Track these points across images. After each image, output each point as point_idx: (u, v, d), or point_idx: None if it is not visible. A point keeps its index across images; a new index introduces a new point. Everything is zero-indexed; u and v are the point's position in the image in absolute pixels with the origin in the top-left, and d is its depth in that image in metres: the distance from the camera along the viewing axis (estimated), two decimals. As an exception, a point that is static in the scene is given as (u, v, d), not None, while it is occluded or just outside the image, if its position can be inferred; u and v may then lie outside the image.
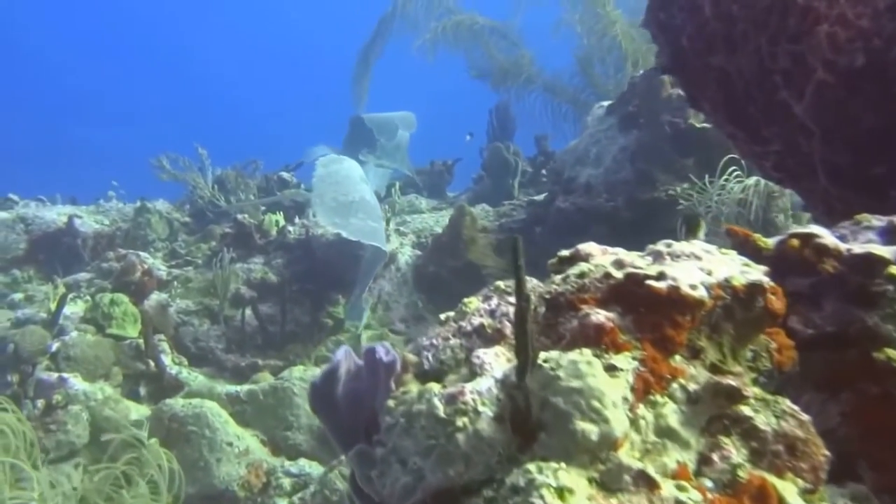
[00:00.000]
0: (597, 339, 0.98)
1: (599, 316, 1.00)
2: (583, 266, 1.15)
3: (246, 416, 4.36)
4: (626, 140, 5.35)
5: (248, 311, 5.30)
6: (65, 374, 3.92)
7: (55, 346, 4.17)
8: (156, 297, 5.17)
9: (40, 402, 3.74)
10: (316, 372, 4.53)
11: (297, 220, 6.00)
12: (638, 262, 1.14)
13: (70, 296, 5.14)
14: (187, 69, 42.79)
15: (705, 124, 4.98)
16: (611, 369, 0.92)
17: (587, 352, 0.95)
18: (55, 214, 6.62)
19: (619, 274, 1.07)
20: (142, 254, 6.12)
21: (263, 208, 7.00)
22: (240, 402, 4.36)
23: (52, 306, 4.67)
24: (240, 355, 5.04)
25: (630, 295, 1.03)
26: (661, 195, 4.88)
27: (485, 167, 8.84)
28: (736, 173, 4.21)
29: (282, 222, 6.11)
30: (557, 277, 1.17)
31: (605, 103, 6.05)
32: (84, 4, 41.09)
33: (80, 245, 6.31)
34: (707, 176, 4.22)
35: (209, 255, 6.01)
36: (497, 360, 1.04)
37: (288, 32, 45.24)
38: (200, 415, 3.96)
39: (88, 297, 5.16)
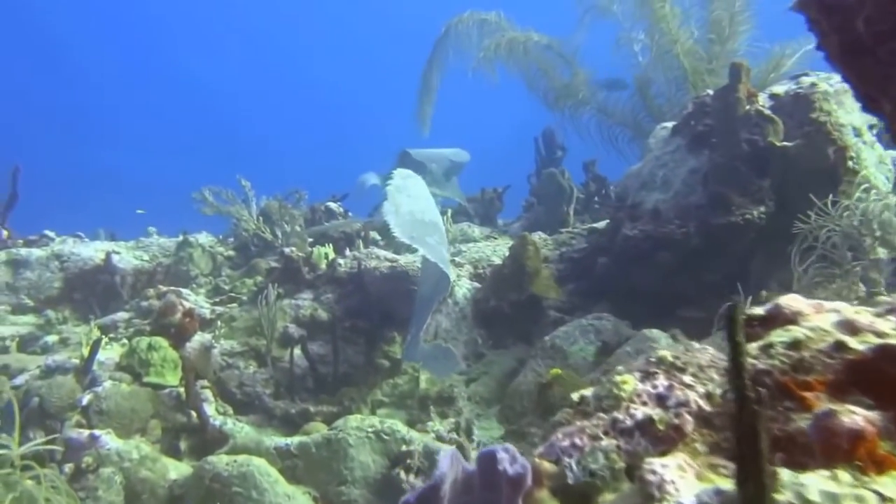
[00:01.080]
0: (850, 451, 0.64)
1: (854, 418, 0.66)
2: (794, 332, 0.81)
3: (297, 472, 3.85)
4: (697, 161, 4.79)
5: (297, 352, 4.79)
6: (96, 432, 3.43)
7: (86, 398, 3.69)
8: (198, 339, 4.68)
9: (68, 467, 3.24)
10: (374, 422, 4.00)
11: (347, 252, 5.49)
12: (880, 323, 0.78)
13: (106, 338, 4.69)
14: (222, 102, 43.21)
15: (786, 143, 4.40)
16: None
17: (844, 476, 0.62)
18: (92, 251, 6.22)
19: (857, 344, 0.74)
20: (183, 291, 5.66)
21: (311, 240, 6.53)
22: (290, 457, 3.84)
23: (85, 352, 4.19)
24: (289, 401, 4.51)
25: (883, 378, 0.69)
26: (736, 219, 4.29)
27: (536, 194, 8.31)
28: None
29: (331, 255, 5.60)
30: (754, 346, 0.84)
31: (669, 124, 5.51)
32: (123, 36, 41.79)
33: (118, 283, 5.89)
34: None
35: (255, 291, 5.53)
36: (683, 478, 0.70)
37: (329, 63, 45.59)
38: (247, 474, 3.44)
39: (125, 341, 4.69)
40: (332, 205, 7.82)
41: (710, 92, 4.94)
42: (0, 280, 5.82)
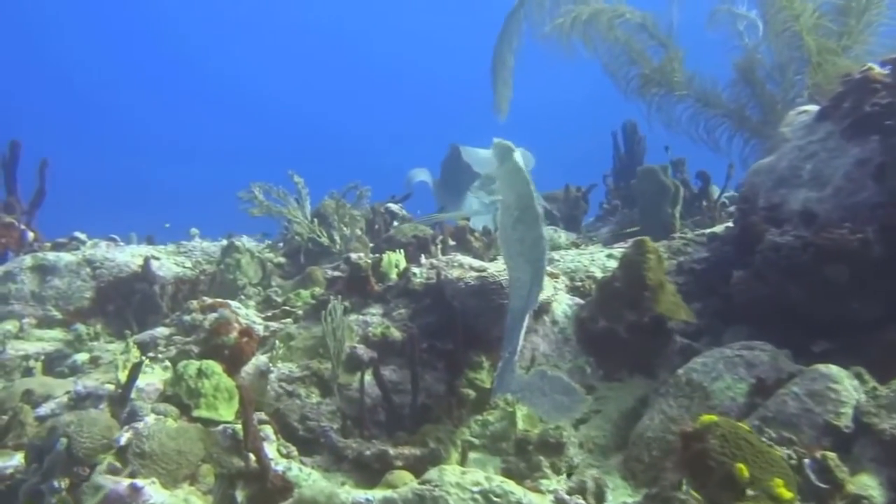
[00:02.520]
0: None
1: None
2: None
3: (380, 535, 3.24)
4: (862, 151, 4.08)
5: (367, 377, 4.20)
6: (138, 482, 2.87)
7: (125, 437, 3.14)
8: (252, 361, 4.12)
9: (101, 530, 2.69)
10: (478, 478, 3.36)
11: (422, 259, 4.90)
12: None
13: (146, 357, 4.16)
14: (264, 100, 43.31)
15: None
16: None
17: None
18: (128, 256, 5.74)
19: None
20: (232, 303, 5.13)
21: (372, 245, 5.96)
22: (372, 515, 3.24)
23: (122, 376, 3.66)
24: (361, 439, 3.92)
25: None
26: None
27: (622, 195, 7.66)
28: None
29: (402, 263, 5.02)
30: None
31: (809, 108, 4.83)
32: (156, 45, 42.22)
33: (157, 293, 5.37)
34: None
35: (313, 305, 4.96)
36: None
37: (372, 56, 45.39)
38: (321, 539, 2.85)
39: (167, 363, 4.15)
40: (393, 206, 7.26)
41: (874, 67, 4.25)
42: (25, 288, 5.35)
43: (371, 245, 6.33)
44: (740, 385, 3.56)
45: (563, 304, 4.67)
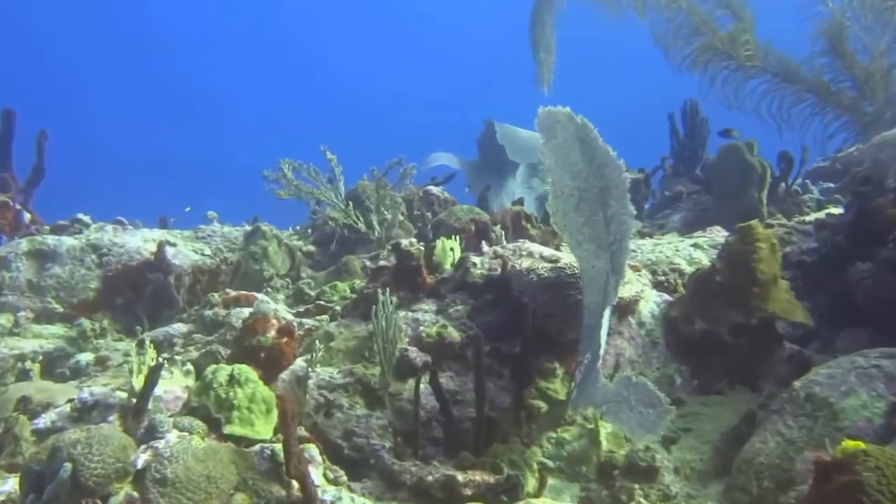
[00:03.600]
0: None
1: None
2: None
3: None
4: None
5: (424, 386, 3.69)
6: (159, 519, 2.36)
7: (143, 458, 2.65)
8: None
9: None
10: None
11: (484, 246, 4.38)
12: None
13: (164, 359, 3.66)
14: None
15: None
16: None
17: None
18: (139, 241, 5.25)
19: None
20: (259, 296, 4.63)
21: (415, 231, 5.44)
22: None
23: (137, 383, 3.17)
24: (421, 463, 3.41)
25: None
26: None
27: (694, 177, 7.10)
28: None
29: (457, 251, 4.49)
30: None
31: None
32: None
33: (172, 284, 4.88)
34: None
35: (353, 299, 4.45)
36: None
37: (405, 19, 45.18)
38: None
39: (189, 366, 3.65)
40: (434, 189, 6.73)
41: None
42: (21, 277, 4.87)
43: (413, 232, 5.81)
44: (877, 403, 3.01)
45: (650, 301, 4.13)
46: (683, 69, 8.34)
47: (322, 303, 4.75)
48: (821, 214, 5.01)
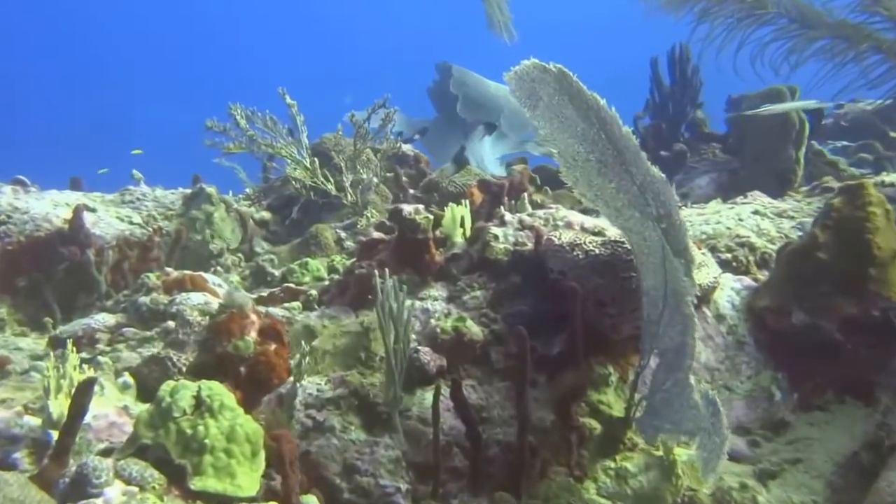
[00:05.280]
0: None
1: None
2: None
3: None
4: None
5: (444, 400, 2.95)
6: None
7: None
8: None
9: None
10: None
11: (505, 215, 3.59)
12: None
13: (94, 368, 2.83)
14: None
15: None
16: None
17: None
18: (48, 206, 4.32)
19: None
20: (207, 277, 3.76)
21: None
22: None
23: (56, 407, 2.32)
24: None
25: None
26: None
27: (706, 136, 6.42)
28: None
29: (468, 220, 3.70)
30: None
31: None
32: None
33: (92, 260, 3.97)
34: None
35: (338, 282, 3.63)
36: None
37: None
38: None
39: (126, 378, 2.80)
40: (406, 147, 5.88)
41: None
42: None
43: (389, 197, 4.98)
44: None
45: (727, 288, 3.40)
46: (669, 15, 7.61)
47: (291, 285, 3.90)
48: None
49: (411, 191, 5.25)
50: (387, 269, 3.06)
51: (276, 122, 4.66)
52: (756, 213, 4.07)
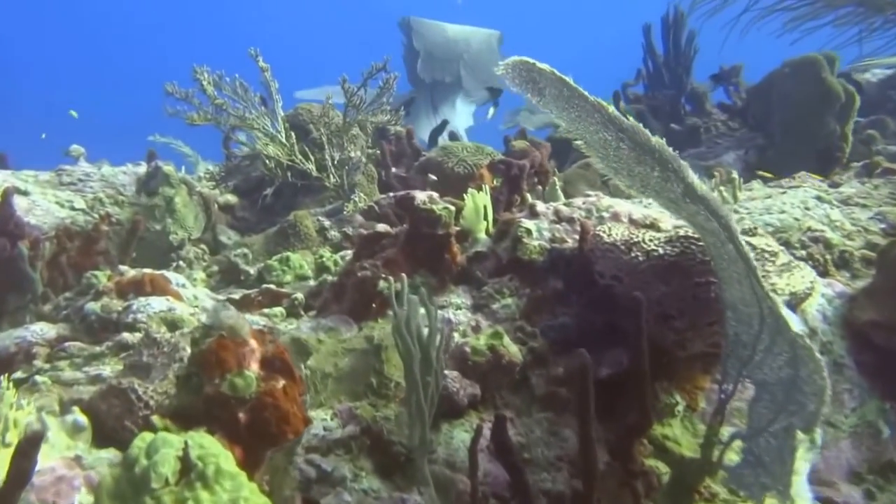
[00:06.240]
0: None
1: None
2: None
3: None
4: None
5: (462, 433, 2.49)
6: None
7: None
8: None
9: None
10: None
11: (537, 205, 3.07)
12: None
13: (29, 400, 2.25)
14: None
15: None
16: None
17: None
18: (-33, 186, 3.60)
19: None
20: (170, 276, 3.17)
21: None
22: None
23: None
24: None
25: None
26: None
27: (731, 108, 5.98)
28: None
29: (490, 210, 3.16)
30: None
31: None
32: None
33: (26, 254, 3.36)
34: None
35: (333, 284, 3.07)
36: None
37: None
38: None
39: (76, 415, 2.23)
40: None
41: None
42: None
43: (375, 178, 4.41)
44: None
45: (817, 296, 2.91)
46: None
47: (271, 287, 3.31)
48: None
49: (393, 169, 4.71)
50: (403, 275, 2.50)
51: (248, 90, 4.04)
52: (820, 199, 3.60)
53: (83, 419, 2.23)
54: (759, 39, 7.27)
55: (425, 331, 2.30)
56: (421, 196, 2.95)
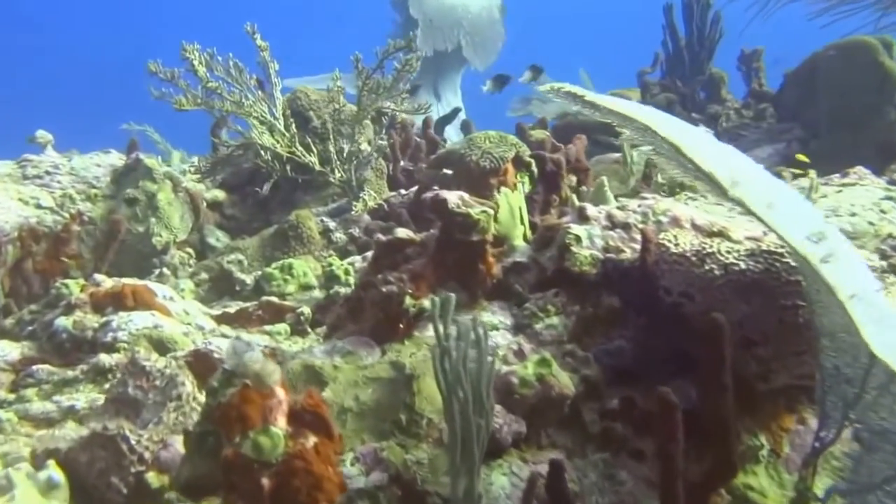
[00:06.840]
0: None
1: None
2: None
3: None
4: None
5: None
6: None
7: None
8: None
9: None
10: None
11: (587, 208, 2.72)
12: None
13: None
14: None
15: None
16: None
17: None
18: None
19: None
20: (156, 289, 2.77)
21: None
22: None
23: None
24: None
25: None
26: None
27: (776, 96, 5.71)
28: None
29: (525, 214, 2.79)
30: None
31: None
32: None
33: (-15, 260, 2.98)
34: None
35: (347, 300, 2.71)
36: None
37: None
38: None
39: (51, 471, 1.83)
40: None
41: None
42: None
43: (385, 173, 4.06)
44: None
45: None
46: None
47: (272, 299, 2.92)
48: None
49: (402, 163, 4.36)
50: (451, 294, 2.11)
51: (244, 71, 3.63)
52: (892, 200, 3.29)
53: (58, 476, 1.84)
54: (782, 21, 7.10)
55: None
56: (453, 198, 2.57)
